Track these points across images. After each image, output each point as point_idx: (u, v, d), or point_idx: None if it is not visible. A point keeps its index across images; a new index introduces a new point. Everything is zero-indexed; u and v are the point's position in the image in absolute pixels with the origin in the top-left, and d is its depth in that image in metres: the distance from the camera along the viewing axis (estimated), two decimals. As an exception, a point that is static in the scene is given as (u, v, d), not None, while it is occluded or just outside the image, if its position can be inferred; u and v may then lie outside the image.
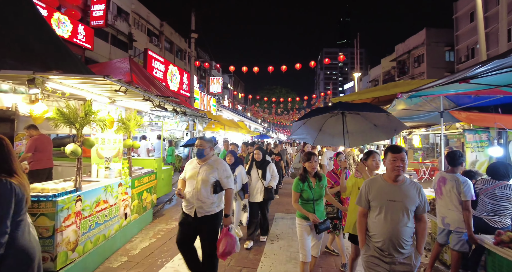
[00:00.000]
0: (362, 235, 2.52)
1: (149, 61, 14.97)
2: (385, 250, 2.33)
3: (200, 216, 2.98)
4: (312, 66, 18.09)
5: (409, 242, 2.34)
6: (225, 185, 3.06)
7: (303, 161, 3.27)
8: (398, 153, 2.36)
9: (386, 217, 2.34)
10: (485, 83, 3.62)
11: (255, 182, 4.79)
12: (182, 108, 6.28)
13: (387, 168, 2.44)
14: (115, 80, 3.19)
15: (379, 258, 2.37)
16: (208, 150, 3.13)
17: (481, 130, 6.19)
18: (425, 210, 2.40)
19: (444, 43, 27.84)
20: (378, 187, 2.45)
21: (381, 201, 2.38)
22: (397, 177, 2.38)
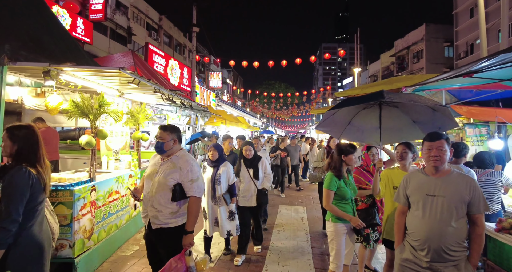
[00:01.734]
0: (399, 235, 2.23)
1: (150, 55, 14.94)
2: (424, 253, 2.01)
3: (154, 228, 2.34)
4: (312, 61, 18.13)
5: (457, 248, 1.96)
6: (188, 191, 2.34)
7: (343, 154, 2.84)
8: (434, 141, 2.07)
9: (424, 214, 2.04)
10: (488, 77, 3.72)
11: (247, 183, 3.97)
12: (189, 102, 6.35)
13: (424, 159, 2.16)
14: (129, 73, 3.26)
15: (416, 263, 2.06)
16: (170, 143, 2.42)
17: (481, 124, 6.32)
18: (481, 210, 1.97)
19: (443, 39, 27.90)
20: (417, 180, 2.17)
21: (418, 196, 2.10)
22: (436, 168, 2.08)
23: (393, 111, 3.37)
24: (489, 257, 3.28)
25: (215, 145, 3.80)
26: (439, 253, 1.97)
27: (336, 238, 2.73)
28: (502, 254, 3.07)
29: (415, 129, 3.44)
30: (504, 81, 3.90)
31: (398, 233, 2.24)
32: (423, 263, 2.02)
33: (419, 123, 3.40)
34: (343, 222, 2.74)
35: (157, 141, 2.43)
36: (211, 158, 3.67)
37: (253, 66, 18.40)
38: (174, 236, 2.31)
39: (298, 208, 6.62)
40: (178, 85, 17.45)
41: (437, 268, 1.98)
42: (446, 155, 2.06)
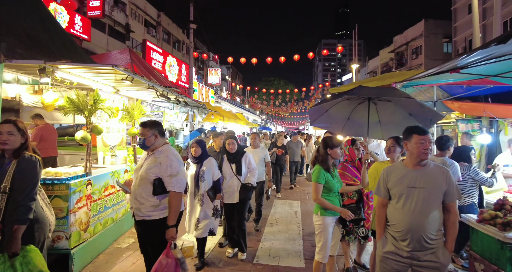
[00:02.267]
0: (380, 228, 2.29)
1: (148, 52, 14.98)
2: (406, 243, 2.09)
3: (137, 219, 2.47)
4: (311, 57, 18.12)
5: (435, 236, 2.08)
6: (168, 186, 2.40)
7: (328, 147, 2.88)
8: (425, 135, 2.13)
9: (405, 206, 2.11)
10: (475, 73, 3.79)
11: (229, 179, 3.84)
12: (184, 98, 6.43)
13: (411, 152, 2.19)
14: (123, 70, 3.34)
15: (397, 254, 2.13)
16: (152, 138, 2.48)
17: (473, 120, 6.41)
18: (454, 198, 2.11)
19: (442, 35, 27.82)
20: (397, 173, 2.22)
21: (400, 188, 2.15)
22: (423, 161, 2.15)
23: (389, 105, 3.45)
24: (472, 247, 3.39)
25: (198, 141, 3.65)
26: (420, 242, 2.06)
27: (323, 231, 2.80)
28: (483, 244, 3.18)
29: (413, 122, 3.47)
30: (491, 77, 3.97)
31: (379, 225, 2.30)
32: (404, 253, 2.10)
33: (415, 116, 3.51)
34: (331, 215, 2.81)
35: (139, 138, 2.52)
36: (193, 155, 3.56)
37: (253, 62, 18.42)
38: (157, 229, 2.39)
39: (292, 202, 6.74)
40: (176, 82, 17.51)
41: (417, 257, 2.08)
42: (433, 148, 2.17)
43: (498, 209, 3.14)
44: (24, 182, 2.09)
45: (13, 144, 2.15)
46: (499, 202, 3.20)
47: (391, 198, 2.25)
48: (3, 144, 2.13)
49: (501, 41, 2.00)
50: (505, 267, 2.90)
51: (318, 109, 3.77)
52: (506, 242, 2.88)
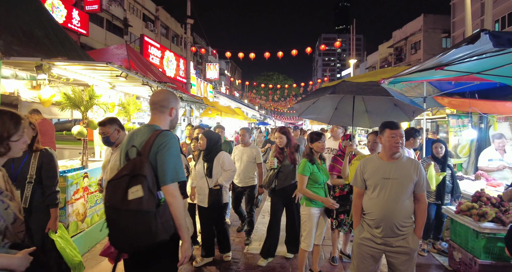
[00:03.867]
0: (356, 217, 2.44)
1: (145, 47, 15.00)
2: (379, 230, 2.24)
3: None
4: (309, 52, 18.15)
5: (406, 223, 2.24)
6: None
7: (310, 142, 3.07)
8: (397, 129, 2.27)
9: (379, 195, 2.25)
10: (460, 70, 3.91)
11: (199, 180, 3.45)
12: (179, 94, 6.54)
13: (384, 145, 2.35)
14: (117, 66, 3.45)
15: (372, 240, 2.28)
16: (115, 134, 2.57)
17: (464, 115, 6.53)
18: (424, 189, 2.29)
19: (441, 30, 27.79)
20: (373, 165, 2.36)
21: (375, 179, 2.29)
22: (395, 154, 2.30)
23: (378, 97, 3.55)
24: (451, 237, 3.55)
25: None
26: (392, 229, 2.22)
27: (308, 221, 2.97)
28: (461, 234, 3.35)
29: (398, 112, 3.70)
30: (475, 74, 4.09)
31: (356, 214, 2.45)
32: (378, 240, 2.26)
33: (400, 106, 3.69)
34: (316, 206, 2.97)
35: (102, 137, 2.66)
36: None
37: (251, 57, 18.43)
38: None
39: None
40: (174, 77, 17.55)
41: (390, 243, 2.24)
42: (404, 141, 2.31)
43: (475, 200, 3.30)
44: (51, 172, 2.38)
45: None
46: (476, 194, 3.36)
47: (367, 188, 2.39)
48: None
49: (471, 42, 2.12)
50: (480, 255, 3.07)
51: (304, 103, 3.93)
52: (480, 232, 3.05)
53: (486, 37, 2.03)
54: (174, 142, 1.74)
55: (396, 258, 2.26)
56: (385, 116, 3.81)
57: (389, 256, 2.29)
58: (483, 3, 17.84)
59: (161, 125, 1.85)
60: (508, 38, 2.01)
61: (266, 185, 3.59)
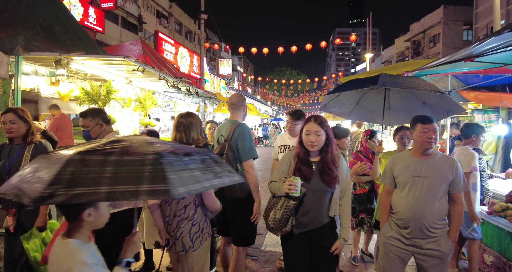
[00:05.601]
0: (384, 215, 2.31)
1: (160, 43, 15.08)
2: (408, 231, 2.11)
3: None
4: (323, 46, 17.80)
5: (438, 225, 2.09)
6: None
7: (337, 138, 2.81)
8: (430, 124, 2.13)
9: (409, 194, 2.12)
10: (492, 62, 3.67)
11: None
12: (195, 89, 6.51)
13: (415, 141, 2.21)
14: (134, 60, 3.42)
15: (400, 240, 2.15)
16: (97, 128, 2.30)
17: (490, 110, 6.21)
18: (461, 189, 2.12)
19: (462, 22, 26.65)
20: (403, 162, 2.23)
21: (405, 177, 2.16)
22: (428, 150, 2.15)
23: (402, 92, 3.38)
24: (482, 239, 3.36)
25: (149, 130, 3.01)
26: (421, 230, 2.08)
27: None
28: (493, 236, 3.16)
29: (426, 111, 3.38)
30: (509, 65, 3.83)
31: (383, 212, 2.32)
32: (406, 240, 2.13)
33: (429, 105, 3.43)
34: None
35: (82, 130, 2.33)
36: None
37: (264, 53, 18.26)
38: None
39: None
40: (188, 73, 17.62)
41: (419, 244, 2.10)
42: (438, 137, 2.16)
43: (509, 201, 3.09)
44: None
45: (18, 131, 2.29)
46: (511, 194, 3.15)
47: (396, 186, 2.25)
48: (9, 133, 2.28)
49: (516, 28, 1.94)
50: (514, 258, 2.88)
51: (331, 95, 3.72)
52: (516, 234, 2.85)
53: (534, 23, 1.85)
54: (247, 130, 2.51)
55: (426, 261, 2.12)
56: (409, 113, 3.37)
57: (418, 258, 2.15)
58: (509, -8, 16.97)
59: (238, 119, 2.62)
60: (560, 23, 1.81)
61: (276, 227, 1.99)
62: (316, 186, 1.98)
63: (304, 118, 2.49)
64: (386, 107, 3.71)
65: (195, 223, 1.96)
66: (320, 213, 2.02)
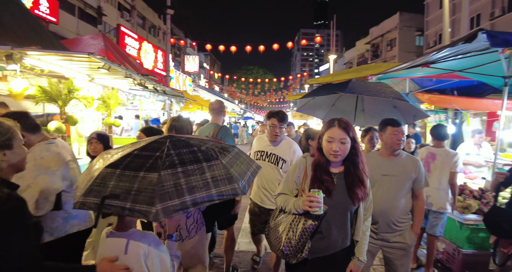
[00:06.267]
0: None
1: (122, 37, 14.29)
2: (376, 226, 2.25)
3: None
4: (290, 47, 18.17)
5: (403, 219, 2.26)
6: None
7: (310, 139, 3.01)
8: (399, 127, 2.28)
9: (378, 191, 2.23)
10: (443, 68, 4.05)
11: None
12: (162, 87, 6.29)
13: (385, 142, 2.34)
14: (99, 58, 3.22)
15: (370, 235, 2.32)
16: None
17: (441, 111, 6.83)
18: (423, 186, 2.31)
19: (415, 28, 28.77)
20: (372, 162, 2.32)
21: (374, 176, 2.25)
22: (396, 150, 2.31)
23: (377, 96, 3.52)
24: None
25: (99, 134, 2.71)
26: (389, 225, 2.25)
27: None
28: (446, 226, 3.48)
29: (396, 114, 3.63)
30: (457, 72, 4.25)
31: None
32: (375, 235, 2.28)
33: (399, 109, 3.69)
34: None
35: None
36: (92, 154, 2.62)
37: (231, 50, 18.15)
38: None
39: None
40: (152, 69, 16.93)
41: (387, 238, 2.28)
42: (405, 139, 2.33)
43: (459, 194, 3.43)
44: None
45: None
46: (460, 187, 3.50)
47: None
48: None
49: (467, 41, 2.16)
50: (463, 245, 3.22)
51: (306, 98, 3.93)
52: (464, 224, 3.19)
53: (483, 37, 2.07)
54: (230, 132, 2.88)
55: (392, 254, 2.30)
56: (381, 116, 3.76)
57: (386, 251, 2.33)
58: (454, 3, 18.66)
59: (219, 122, 3.01)
60: (505, 38, 2.06)
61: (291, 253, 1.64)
62: (339, 202, 1.67)
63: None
64: (360, 109, 3.96)
65: (189, 216, 2.09)
66: (342, 235, 1.71)
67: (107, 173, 1.24)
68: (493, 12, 18.59)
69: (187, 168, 1.24)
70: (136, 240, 1.38)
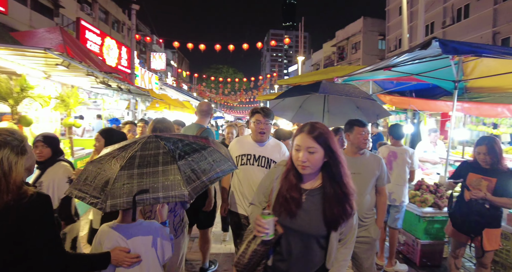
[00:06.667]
0: None
1: (82, 32, 13.43)
2: None
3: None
4: (259, 47, 18.29)
5: (368, 215, 2.37)
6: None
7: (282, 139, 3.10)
8: (365, 127, 2.39)
9: None
10: (403, 71, 4.33)
11: None
12: (127, 85, 6.02)
13: (352, 142, 2.44)
14: (57, 54, 2.99)
15: None
16: None
17: (401, 112, 7.29)
18: (385, 183, 2.43)
19: (378, 32, 30.37)
20: None
21: None
22: (362, 149, 2.41)
23: (339, 97, 3.74)
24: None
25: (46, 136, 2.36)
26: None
27: None
28: (405, 219, 3.72)
29: (359, 114, 3.84)
30: (414, 75, 4.57)
31: None
32: None
33: (362, 109, 3.86)
34: None
35: None
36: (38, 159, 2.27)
37: (200, 48, 17.85)
38: None
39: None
40: (116, 66, 16.14)
41: None
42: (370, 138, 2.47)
43: (417, 189, 3.70)
44: None
45: None
46: (418, 183, 3.77)
47: None
48: None
49: (423, 47, 2.34)
50: (421, 236, 3.46)
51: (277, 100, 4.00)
52: (422, 216, 3.43)
53: (436, 44, 2.25)
54: (212, 135, 2.93)
55: (358, 248, 2.41)
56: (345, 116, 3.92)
57: None
58: (412, 11, 19.99)
59: (204, 124, 3.04)
60: (454, 46, 2.26)
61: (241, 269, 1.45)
62: (303, 225, 1.37)
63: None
64: (325, 110, 4.12)
65: (176, 214, 2.17)
66: (306, 261, 1.41)
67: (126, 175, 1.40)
68: (445, 21, 20.19)
69: (194, 156, 1.54)
70: (144, 229, 1.60)
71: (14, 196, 1.16)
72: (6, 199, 1.15)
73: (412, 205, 3.57)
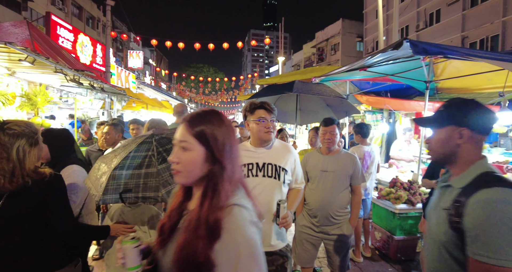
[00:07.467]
0: (299, 206, 2.56)
1: (53, 27, 12.79)
2: (317, 220, 2.40)
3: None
4: (240, 47, 18.21)
5: (341, 213, 2.42)
6: None
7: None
8: (327, 126, 2.45)
9: (318, 186, 2.41)
10: (378, 72, 4.44)
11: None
12: (100, 84, 5.77)
13: (320, 141, 2.57)
14: (20, 48, 2.81)
15: (311, 228, 2.44)
16: None
17: (377, 111, 7.49)
18: (359, 181, 2.48)
19: (356, 34, 31.16)
20: (314, 159, 2.52)
21: (315, 172, 2.45)
22: (328, 148, 2.49)
23: (310, 96, 3.83)
24: (373, 219, 4.03)
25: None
26: (328, 218, 2.41)
27: None
28: (381, 216, 3.82)
29: (329, 112, 3.99)
30: (389, 76, 4.70)
31: (299, 204, 2.47)
32: (316, 228, 2.44)
33: (332, 107, 3.99)
34: None
35: None
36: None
37: (179, 47, 17.52)
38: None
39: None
40: (90, 64, 15.51)
41: (326, 231, 2.43)
42: (336, 137, 2.45)
43: (392, 186, 3.80)
44: None
45: None
46: (393, 180, 3.87)
47: (309, 180, 2.54)
48: None
49: (395, 48, 2.39)
50: (396, 232, 3.56)
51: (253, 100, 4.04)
52: (396, 213, 3.53)
53: (407, 45, 2.32)
54: None
55: (332, 245, 2.45)
56: (316, 114, 4.16)
57: (326, 243, 2.48)
58: (388, 14, 20.68)
59: None
60: (423, 47, 2.33)
61: None
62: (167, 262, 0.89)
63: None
64: (297, 108, 4.20)
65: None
66: None
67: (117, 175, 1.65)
68: (418, 24, 21.04)
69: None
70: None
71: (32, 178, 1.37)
72: (22, 181, 1.35)
73: (387, 202, 3.66)
